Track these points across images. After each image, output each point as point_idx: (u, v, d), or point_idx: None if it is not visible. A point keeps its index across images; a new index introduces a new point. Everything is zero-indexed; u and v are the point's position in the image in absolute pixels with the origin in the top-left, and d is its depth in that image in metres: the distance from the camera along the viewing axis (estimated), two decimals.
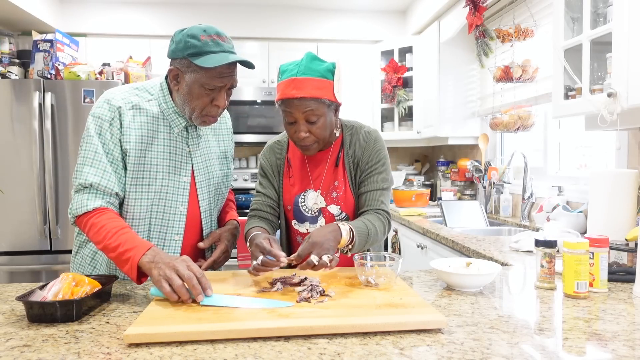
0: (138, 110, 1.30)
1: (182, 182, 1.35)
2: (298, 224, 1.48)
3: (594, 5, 1.67)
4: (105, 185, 1.24)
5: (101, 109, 1.27)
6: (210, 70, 1.22)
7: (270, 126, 3.79)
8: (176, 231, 1.35)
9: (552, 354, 0.82)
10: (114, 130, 1.26)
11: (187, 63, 1.23)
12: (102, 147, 1.25)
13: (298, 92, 1.29)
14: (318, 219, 1.46)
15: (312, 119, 1.32)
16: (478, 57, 2.90)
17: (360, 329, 0.91)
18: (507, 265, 1.56)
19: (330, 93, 1.33)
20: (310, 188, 1.47)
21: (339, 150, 1.48)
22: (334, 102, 1.35)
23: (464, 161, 3.40)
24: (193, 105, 1.27)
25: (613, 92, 1.49)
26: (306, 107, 1.30)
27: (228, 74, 1.25)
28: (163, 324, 0.92)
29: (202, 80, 1.23)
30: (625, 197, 1.67)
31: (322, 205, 1.45)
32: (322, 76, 1.32)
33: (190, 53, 1.21)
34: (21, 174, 2.96)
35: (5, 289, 1.26)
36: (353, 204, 1.46)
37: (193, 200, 1.38)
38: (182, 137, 1.36)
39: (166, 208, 1.33)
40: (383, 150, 1.47)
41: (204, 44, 1.20)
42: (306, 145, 1.37)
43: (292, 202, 1.47)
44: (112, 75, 3.22)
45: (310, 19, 4.06)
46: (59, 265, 3.01)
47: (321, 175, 1.47)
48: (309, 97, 1.29)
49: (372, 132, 1.49)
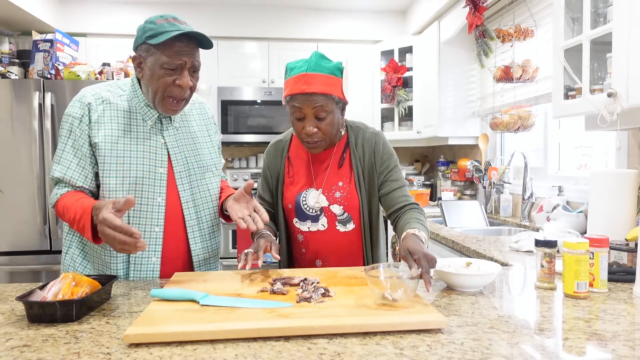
0: (108, 104, 1.35)
1: (158, 173, 1.35)
2: (299, 222, 1.49)
3: (594, 5, 1.67)
4: (68, 179, 1.33)
5: (73, 108, 1.34)
6: (168, 49, 1.25)
7: (270, 126, 3.79)
8: (156, 222, 1.35)
9: (552, 354, 0.82)
10: (83, 126, 1.32)
11: (147, 47, 1.27)
12: (71, 145, 1.33)
13: (308, 87, 1.31)
14: (319, 218, 1.46)
15: (322, 115, 1.34)
16: (478, 57, 2.90)
17: (360, 329, 0.91)
18: (507, 265, 1.56)
19: (339, 90, 1.36)
20: (312, 187, 1.47)
21: (343, 151, 1.48)
22: (342, 99, 1.38)
23: (464, 161, 3.40)
24: (155, 87, 1.29)
25: (613, 92, 1.49)
26: (316, 103, 1.32)
27: (186, 52, 1.27)
28: (163, 324, 0.92)
29: (161, 61, 1.26)
30: (625, 197, 1.67)
31: (324, 205, 1.46)
32: (331, 73, 1.34)
33: (147, 36, 1.25)
34: (21, 174, 2.97)
35: (5, 289, 1.26)
36: (358, 204, 1.46)
37: (172, 191, 1.38)
38: (156, 129, 1.38)
39: (143, 199, 1.34)
40: (392, 150, 1.51)
41: (159, 26, 1.25)
42: (314, 142, 1.38)
43: (294, 201, 1.47)
44: (112, 75, 3.21)
45: (310, 19, 4.06)
46: (59, 265, 2.97)
47: (323, 174, 1.47)
48: (319, 92, 1.31)
49: (378, 133, 1.51)
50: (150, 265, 1.36)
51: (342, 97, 1.37)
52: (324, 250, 1.48)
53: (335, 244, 1.47)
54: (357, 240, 1.48)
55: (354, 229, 1.47)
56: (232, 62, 3.88)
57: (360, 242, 1.48)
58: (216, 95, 3.77)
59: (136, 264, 1.35)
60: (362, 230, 1.47)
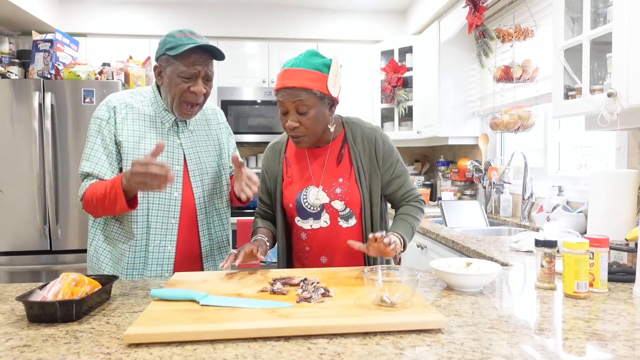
0: (131, 108, 1.49)
1: (175, 170, 1.50)
2: (302, 221, 1.49)
3: (594, 5, 1.67)
4: (97, 172, 1.43)
5: (100, 111, 1.49)
6: (184, 59, 1.39)
7: (270, 126, 3.79)
8: (172, 215, 1.49)
9: (552, 354, 0.82)
10: (110, 127, 1.46)
11: (166, 58, 1.42)
12: (100, 143, 1.45)
13: (289, 81, 1.34)
14: (321, 215, 1.47)
15: (302, 109, 1.36)
16: (478, 57, 2.89)
17: (360, 329, 0.91)
18: (507, 265, 1.56)
19: (323, 86, 1.36)
20: (311, 184, 1.48)
21: (341, 147, 1.50)
22: (327, 95, 1.37)
23: (464, 161, 3.40)
24: (173, 93, 1.44)
25: (613, 92, 1.49)
26: (296, 97, 1.34)
27: (200, 62, 1.41)
28: (163, 324, 0.92)
29: (178, 70, 1.40)
30: (625, 197, 1.67)
31: (325, 201, 1.46)
32: (316, 69, 1.36)
33: (167, 48, 1.40)
34: (21, 174, 2.96)
35: (5, 289, 1.26)
36: (359, 199, 1.47)
37: (187, 187, 1.52)
38: (173, 131, 1.52)
39: (162, 194, 1.48)
40: (392, 144, 1.54)
41: (178, 40, 1.40)
42: (296, 137, 1.40)
43: (294, 200, 1.48)
44: (112, 75, 3.21)
45: (310, 19, 4.06)
46: (59, 265, 3.01)
47: (321, 171, 1.48)
48: (299, 87, 1.34)
49: (376, 128, 1.54)
50: (166, 253, 1.49)
51: (326, 92, 1.36)
52: (329, 246, 1.49)
53: (338, 240, 1.48)
54: (360, 235, 1.49)
55: (356, 224, 1.48)
56: (232, 62, 3.88)
57: (362, 237, 1.49)
58: (216, 95, 3.77)
59: (154, 252, 1.48)
60: (364, 225, 1.48)
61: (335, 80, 1.38)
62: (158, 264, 1.48)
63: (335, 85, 1.38)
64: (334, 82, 1.37)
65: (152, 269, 1.48)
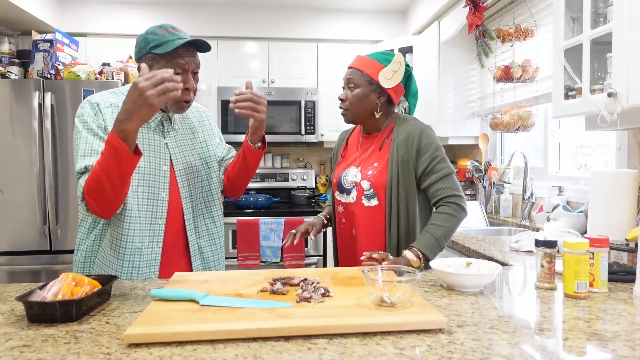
0: (116, 107, 1.44)
1: (162, 170, 1.47)
2: (339, 195, 1.67)
3: (594, 5, 1.67)
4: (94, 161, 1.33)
5: (83, 109, 1.43)
6: (173, 56, 1.37)
7: (271, 126, 3.79)
8: (160, 215, 1.46)
9: (552, 354, 0.82)
10: (98, 120, 1.41)
11: (152, 56, 1.38)
12: (92, 136, 1.38)
13: (353, 63, 1.60)
14: (352, 191, 1.62)
15: (350, 84, 1.58)
16: (478, 57, 2.89)
17: (360, 329, 0.91)
18: (507, 265, 1.56)
19: (375, 73, 1.55)
20: (354, 165, 1.64)
21: (387, 137, 1.62)
22: (376, 82, 1.55)
23: (464, 161, 3.40)
24: None
25: (613, 92, 1.49)
26: (349, 74, 1.59)
27: (189, 56, 1.40)
28: (163, 324, 0.92)
29: (168, 67, 1.36)
30: (625, 197, 1.67)
31: (357, 180, 1.60)
32: (376, 59, 1.57)
33: (152, 46, 1.37)
34: (21, 174, 2.96)
35: (5, 289, 1.26)
36: (384, 184, 1.56)
37: (173, 187, 1.50)
38: (158, 131, 1.49)
39: (150, 194, 1.45)
40: (434, 142, 1.55)
41: (162, 37, 1.37)
42: (342, 110, 1.62)
43: (338, 176, 1.67)
44: (112, 75, 3.21)
45: (310, 19, 4.06)
46: (59, 265, 3.01)
47: (365, 154, 1.64)
48: (356, 67, 1.58)
49: (423, 126, 1.59)
50: (152, 255, 1.45)
51: (376, 79, 1.55)
52: (356, 220, 1.61)
53: (362, 216, 1.60)
54: (380, 215, 1.57)
55: (377, 205, 1.57)
56: (232, 62, 3.88)
57: (383, 219, 1.57)
58: (216, 95, 3.77)
59: (141, 253, 1.43)
60: (386, 207, 1.56)
61: (391, 74, 1.55)
62: (144, 265, 1.43)
63: (390, 78, 1.55)
64: (389, 75, 1.55)
65: (138, 270, 1.43)
